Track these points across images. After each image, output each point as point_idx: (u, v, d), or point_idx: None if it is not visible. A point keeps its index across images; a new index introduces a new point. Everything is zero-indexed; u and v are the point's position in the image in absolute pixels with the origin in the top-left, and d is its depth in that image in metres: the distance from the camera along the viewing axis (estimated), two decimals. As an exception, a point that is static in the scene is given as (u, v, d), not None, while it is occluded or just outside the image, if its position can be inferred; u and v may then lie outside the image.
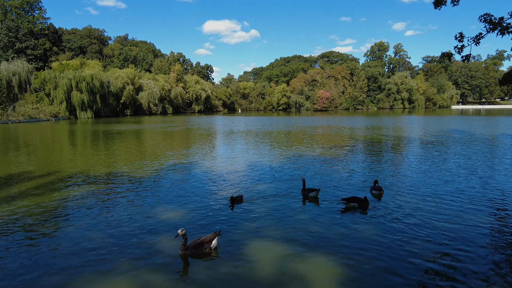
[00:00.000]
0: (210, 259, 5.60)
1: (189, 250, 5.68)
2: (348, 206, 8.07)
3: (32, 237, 6.58)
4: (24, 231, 6.85)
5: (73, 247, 6.09)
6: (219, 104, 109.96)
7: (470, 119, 44.79)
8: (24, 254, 5.86)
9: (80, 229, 6.94)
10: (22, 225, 7.21)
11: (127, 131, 31.61)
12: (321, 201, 8.64)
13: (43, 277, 5.11)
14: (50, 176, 12.07)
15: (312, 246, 5.99)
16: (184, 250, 5.68)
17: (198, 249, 5.69)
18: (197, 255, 5.67)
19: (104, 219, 7.50)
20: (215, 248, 5.89)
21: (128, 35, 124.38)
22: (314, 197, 8.84)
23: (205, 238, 5.84)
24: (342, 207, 8.13)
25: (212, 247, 5.83)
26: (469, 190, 9.38)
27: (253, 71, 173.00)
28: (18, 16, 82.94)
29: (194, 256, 5.66)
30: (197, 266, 5.41)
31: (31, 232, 6.82)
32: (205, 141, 22.86)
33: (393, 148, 18.71)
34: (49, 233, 6.77)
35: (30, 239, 6.46)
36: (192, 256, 5.66)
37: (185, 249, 5.69)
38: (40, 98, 60.84)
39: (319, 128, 33.36)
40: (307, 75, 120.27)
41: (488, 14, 11.09)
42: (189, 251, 5.68)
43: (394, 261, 5.42)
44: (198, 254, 5.68)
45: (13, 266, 5.43)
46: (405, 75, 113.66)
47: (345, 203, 8.13)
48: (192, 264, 5.47)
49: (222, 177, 11.47)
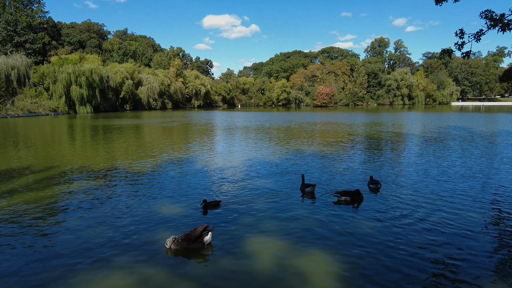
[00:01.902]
0: (209, 254, 5.62)
1: (181, 244, 5.67)
2: (340, 199, 8.24)
3: (30, 232, 6.59)
4: (22, 226, 6.86)
5: (71, 241, 6.10)
6: (218, 99, 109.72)
7: (469, 116, 44.78)
8: (21, 249, 5.87)
9: (78, 224, 6.95)
10: (20, 219, 7.21)
11: (126, 126, 31.56)
12: (319, 196, 8.66)
13: (41, 272, 5.13)
14: (49, 170, 12.07)
15: (309, 241, 6.01)
16: (176, 245, 5.69)
17: (191, 245, 5.69)
18: (190, 250, 5.67)
19: (102, 214, 7.51)
20: (209, 244, 5.89)
21: (127, 29, 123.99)
22: (310, 193, 8.90)
23: (195, 231, 5.80)
24: (335, 200, 8.34)
25: (206, 242, 5.84)
26: (468, 186, 9.39)
27: (253, 66, 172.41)
28: (16, 9, 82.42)
29: (187, 252, 5.66)
30: (196, 261, 5.43)
31: (29, 226, 6.83)
32: (205, 137, 22.85)
33: (392, 145, 18.72)
34: (48, 227, 6.78)
35: (27, 234, 6.46)
36: (186, 252, 5.66)
37: (177, 244, 5.70)
38: (39, 93, 60.66)
39: (318, 124, 33.35)
40: (307, 71, 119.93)
41: (489, 10, 11.04)
42: (180, 246, 5.67)
43: (391, 256, 5.44)
44: (191, 250, 5.67)
45: (11, 261, 5.45)
46: (405, 71, 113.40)
47: (338, 196, 8.31)
48: (192, 260, 5.49)
49: (221, 173, 11.47)
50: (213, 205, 7.80)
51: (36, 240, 6.21)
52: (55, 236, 6.36)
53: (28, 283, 4.83)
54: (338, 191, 8.42)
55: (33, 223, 7.01)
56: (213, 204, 7.81)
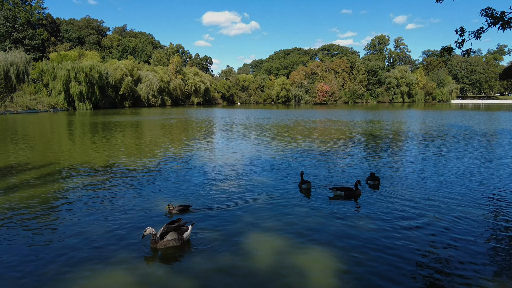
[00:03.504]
0: (209, 251, 5.62)
1: (160, 242, 5.63)
2: (336, 194, 8.42)
3: (28, 228, 6.58)
4: (20, 222, 6.86)
5: (70, 238, 6.10)
6: (218, 96, 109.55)
7: (469, 114, 44.79)
8: (19, 245, 5.87)
9: (77, 220, 6.94)
10: (18, 216, 7.21)
11: (126, 123, 31.52)
12: (318, 193, 8.73)
13: (40, 268, 5.13)
14: (48, 167, 12.06)
15: (306, 237, 6.02)
16: (155, 244, 5.66)
17: (171, 241, 5.68)
18: (169, 248, 5.66)
19: (102, 210, 7.51)
20: (187, 240, 5.91)
21: (126, 26, 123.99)
22: (306, 189, 9.00)
23: (173, 227, 5.78)
24: (331, 196, 8.52)
25: (185, 238, 5.84)
26: (467, 184, 9.41)
27: (252, 63, 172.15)
28: (15, 5, 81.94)
29: (165, 249, 5.64)
30: (196, 258, 5.43)
31: (27, 222, 6.83)
32: (204, 134, 22.83)
33: (391, 142, 18.73)
34: (46, 224, 6.77)
35: (26, 230, 6.46)
36: (163, 249, 5.64)
37: (155, 242, 5.65)
38: (38, 89, 60.48)
39: (318, 122, 33.33)
40: (307, 68, 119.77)
41: (489, 8, 10.98)
42: (159, 244, 5.63)
43: (390, 253, 5.45)
44: (170, 247, 5.67)
45: (9, 257, 5.45)
46: (405, 69, 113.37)
47: (334, 191, 8.49)
48: (191, 257, 5.49)
49: (219, 169, 11.47)
50: (181, 209, 7.28)
51: (34, 236, 6.21)
52: (54, 233, 6.35)
53: (27, 280, 4.83)
54: (334, 187, 8.63)
55: (31, 219, 7.00)
56: (181, 208, 7.30)
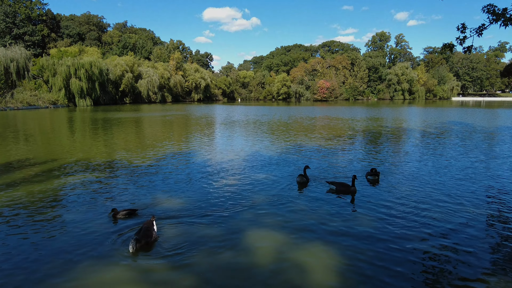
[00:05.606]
0: (209, 249, 5.64)
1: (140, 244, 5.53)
2: (331, 187, 8.69)
3: (29, 224, 6.60)
4: (21, 218, 6.88)
5: (70, 234, 6.12)
6: (218, 93, 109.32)
7: (470, 111, 44.71)
8: (19, 241, 5.89)
9: (77, 216, 6.96)
10: (19, 212, 7.23)
11: (126, 119, 31.52)
12: (315, 188, 8.84)
13: (41, 265, 5.16)
14: (48, 163, 12.07)
15: (306, 233, 6.04)
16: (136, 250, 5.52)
17: (148, 240, 5.65)
18: (147, 247, 5.63)
19: (102, 207, 7.53)
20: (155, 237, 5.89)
21: (127, 22, 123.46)
22: (299, 183, 9.22)
23: (146, 227, 5.78)
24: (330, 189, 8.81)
25: (154, 236, 5.83)
26: (467, 182, 9.41)
27: (253, 60, 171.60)
28: (15, 1, 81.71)
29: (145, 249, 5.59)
30: (196, 257, 5.44)
31: (28, 218, 6.85)
32: (204, 130, 22.82)
33: (392, 139, 18.71)
34: (47, 220, 6.79)
35: (26, 227, 6.48)
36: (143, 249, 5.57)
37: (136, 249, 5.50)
38: (38, 85, 60.45)
39: (318, 119, 33.29)
40: (308, 65, 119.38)
41: (491, 4, 10.91)
42: (139, 244, 5.52)
43: (390, 249, 5.46)
44: (148, 246, 5.65)
45: (10, 254, 5.48)
46: (406, 66, 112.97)
47: (329, 185, 8.75)
48: (191, 255, 5.50)
49: (220, 166, 11.47)
50: (125, 214, 6.88)
51: (35, 233, 6.23)
52: (55, 229, 6.37)
53: (28, 276, 4.86)
54: (331, 181, 8.89)
55: (32, 216, 7.02)
56: (125, 213, 6.90)
